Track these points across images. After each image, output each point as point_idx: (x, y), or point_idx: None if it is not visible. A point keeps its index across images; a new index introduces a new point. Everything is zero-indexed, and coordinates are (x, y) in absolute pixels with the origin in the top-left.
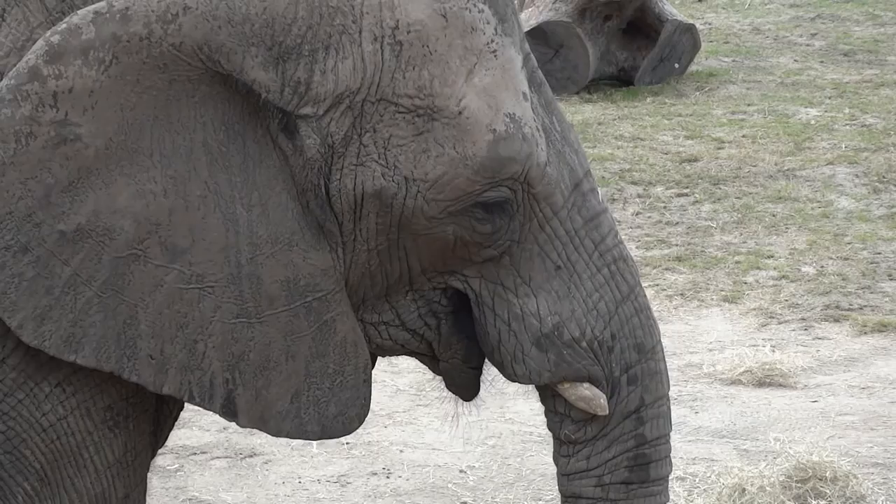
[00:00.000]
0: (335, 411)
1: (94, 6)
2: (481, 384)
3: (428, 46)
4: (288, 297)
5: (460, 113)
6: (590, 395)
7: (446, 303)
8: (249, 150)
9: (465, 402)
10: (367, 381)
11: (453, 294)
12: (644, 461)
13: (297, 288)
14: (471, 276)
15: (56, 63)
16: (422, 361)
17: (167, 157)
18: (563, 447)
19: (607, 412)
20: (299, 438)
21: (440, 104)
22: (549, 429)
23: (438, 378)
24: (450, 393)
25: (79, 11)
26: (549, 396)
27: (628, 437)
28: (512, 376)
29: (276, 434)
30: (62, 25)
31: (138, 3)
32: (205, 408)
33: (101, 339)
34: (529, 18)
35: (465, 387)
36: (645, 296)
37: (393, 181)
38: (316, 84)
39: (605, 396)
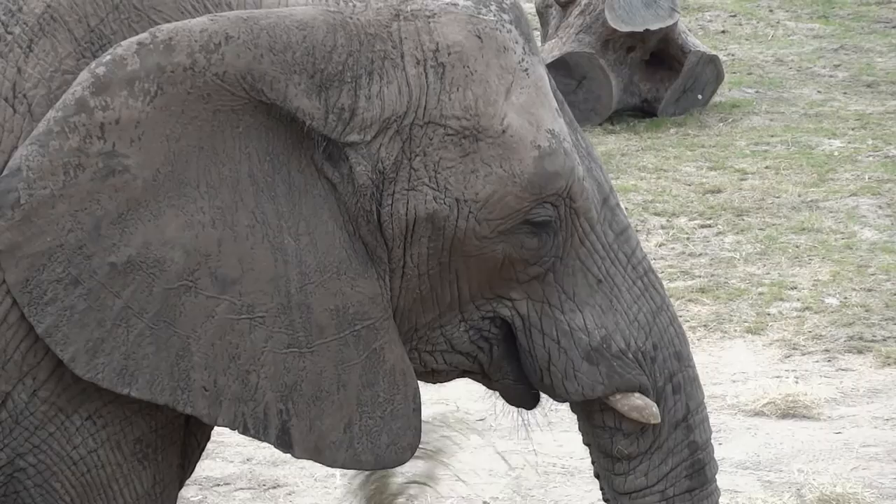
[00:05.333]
0: (387, 440)
1: (137, 37)
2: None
3: (469, 67)
4: (337, 326)
5: (504, 131)
6: (642, 405)
7: (496, 330)
8: (294, 180)
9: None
10: (417, 411)
11: (502, 322)
12: (700, 466)
13: (346, 316)
14: (517, 299)
15: (102, 94)
16: (475, 380)
17: (214, 188)
18: (618, 464)
19: (659, 420)
20: (354, 468)
21: (485, 124)
22: (596, 446)
23: (463, 410)
24: (510, 406)
25: (122, 42)
26: (598, 411)
27: (682, 446)
28: (563, 395)
29: (332, 464)
30: (106, 56)
31: (181, 33)
32: (259, 439)
33: (155, 372)
34: (553, 49)
35: (523, 400)
36: (673, 306)
37: (445, 203)
38: (361, 110)
39: (655, 405)
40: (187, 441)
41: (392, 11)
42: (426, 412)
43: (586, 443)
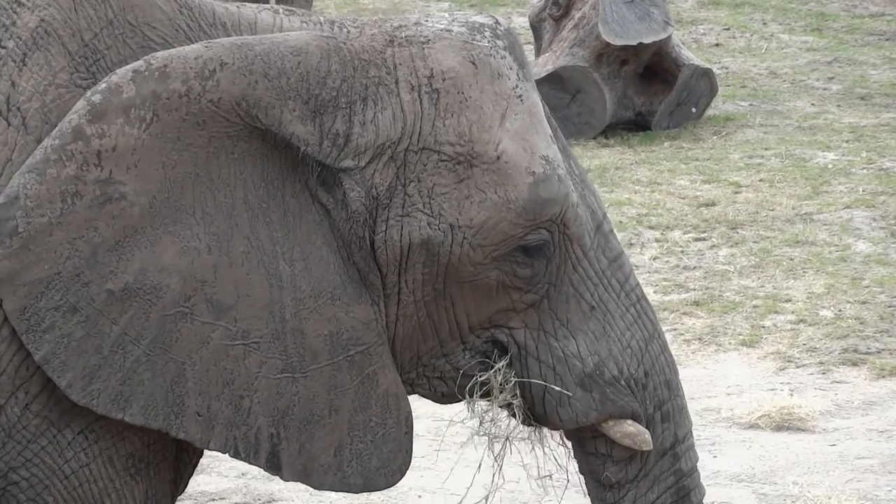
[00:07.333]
0: (377, 464)
1: (132, 64)
2: None
3: (463, 93)
4: (331, 351)
5: (498, 157)
6: (635, 431)
7: (499, 352)
8: (289, 206)
9: (488, 448)
10: (409, 434)
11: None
12: (685, 492)
13: (340, 342)
14: (515, 328)
15: (99, 122)
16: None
17: (209, 214)
18: (607, 493)
19: (652, 447)
20: (342, 491)
21: (479, 150)
22: (589, 473)
23: (457, 422)
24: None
25: (117, 70)
26: (590, 438)
27: (668, 474)
28: (557, 422)
29: (320, 487)
30: (102, 84)
31: (176, 60)
32: (250, 463)
33: (149, 397)
34: (546, 63)
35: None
36: (664, 334)
37: (439, 230)
38: (356, 135)
39: (648, 432)
40: (180, 456)
41: (386, 37)
42: (420, 427)
43: (582, 471)
